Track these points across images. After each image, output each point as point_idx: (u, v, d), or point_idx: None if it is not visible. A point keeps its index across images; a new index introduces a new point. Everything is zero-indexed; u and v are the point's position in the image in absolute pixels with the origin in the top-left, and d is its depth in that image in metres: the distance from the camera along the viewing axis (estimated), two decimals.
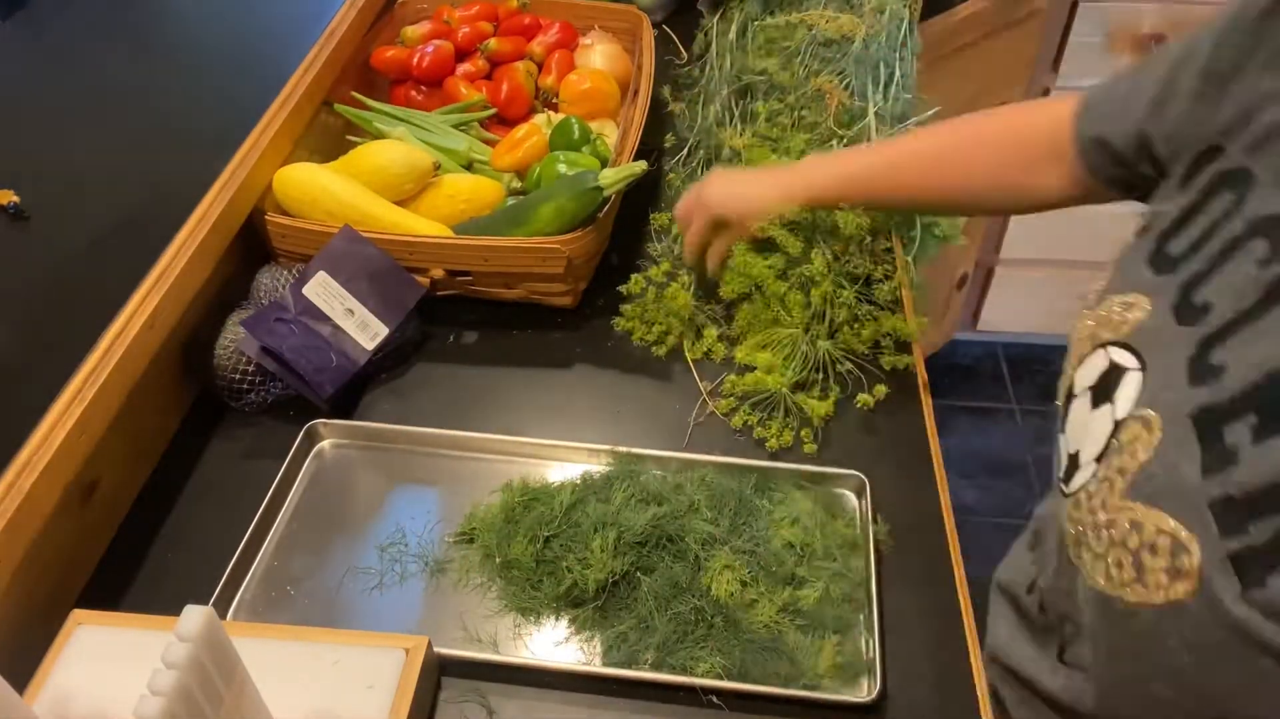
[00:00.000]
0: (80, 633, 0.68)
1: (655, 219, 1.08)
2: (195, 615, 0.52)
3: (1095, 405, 0.57)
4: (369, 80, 1.22)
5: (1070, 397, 0.60)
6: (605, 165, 1.06)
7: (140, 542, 0.82)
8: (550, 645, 0.74)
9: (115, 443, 0.79)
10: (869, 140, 1.05)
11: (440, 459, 0.88)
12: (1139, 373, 0.55)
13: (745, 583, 0.74)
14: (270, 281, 0.95)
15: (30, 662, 0.67)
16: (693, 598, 0.73)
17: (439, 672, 0.72)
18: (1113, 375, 0.56)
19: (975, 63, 1.72)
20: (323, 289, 0.92)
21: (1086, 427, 0.58)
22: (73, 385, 0.74)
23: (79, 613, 0.70)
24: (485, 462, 0.87)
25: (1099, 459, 0.56)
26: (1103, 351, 0.58)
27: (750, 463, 0.84)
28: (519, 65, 1.22)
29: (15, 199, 0.92)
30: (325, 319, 0.92)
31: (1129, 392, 0.55)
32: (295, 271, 0.95)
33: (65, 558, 0.77)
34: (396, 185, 1.04)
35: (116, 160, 1.01)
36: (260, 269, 0.98)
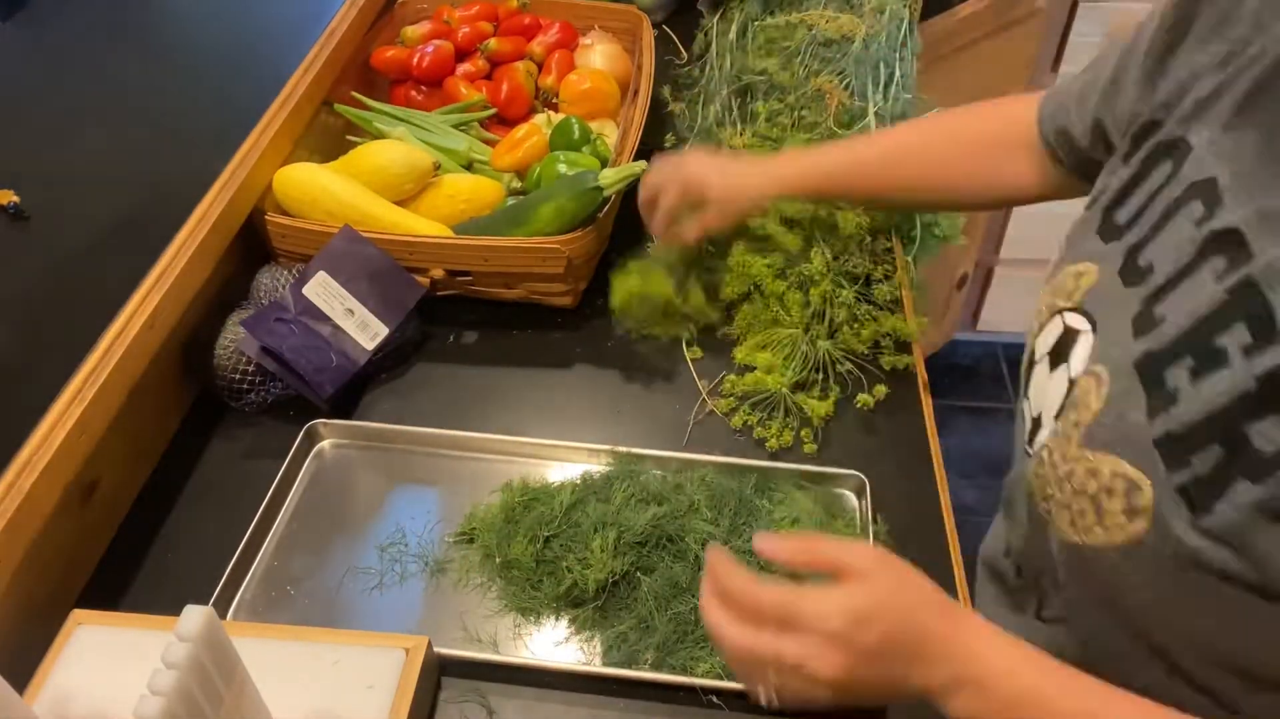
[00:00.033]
0: (80, 633, 0.68)
1: None
2: (195, 615, 0.52)
3: (1053, 368, 0.60)
4: (369, 80, 1.22)
5: (1031, 364, 0.64)
6: (605, 165, 1.06)
7: (140, 542, 0.82)
8: (550, 645, 0.74)
9: (115, 443, 0.79)
10: None
11: (440, 459, 0.88)
12: (1090, 334, 0.58)
13: None
14: (270, 281, 0.95)
15: (30, 662, 0.67)
16: (693, 598, 0.73)
17: (439, 672, 0.72)
18: (1067, 339, 0.60)
19: (975, 63, 1.71)
20: (323, 289, 0.92)
21: (1045, 389, 0.61)
22: (73, 385, 0.74)
23: (79, 613, 0.70)
24: (485, 462, 0.87)
25: (1057, 417, 0.59)
26: (1059, 318, 0.61)
27: (750, 463, 0.84)
28: (519, 65, 1.22)
29: (15, 199, 0.92)
30: (325, 319, 0.92)
31: (1082, 352, 0.58)
32: (295, 271, 0.95)
33: (65, 558, 0.77)
34: (396, 185, 1.04)
35: (117, 160, 1.01)
36: (260, 269, 0.98)
